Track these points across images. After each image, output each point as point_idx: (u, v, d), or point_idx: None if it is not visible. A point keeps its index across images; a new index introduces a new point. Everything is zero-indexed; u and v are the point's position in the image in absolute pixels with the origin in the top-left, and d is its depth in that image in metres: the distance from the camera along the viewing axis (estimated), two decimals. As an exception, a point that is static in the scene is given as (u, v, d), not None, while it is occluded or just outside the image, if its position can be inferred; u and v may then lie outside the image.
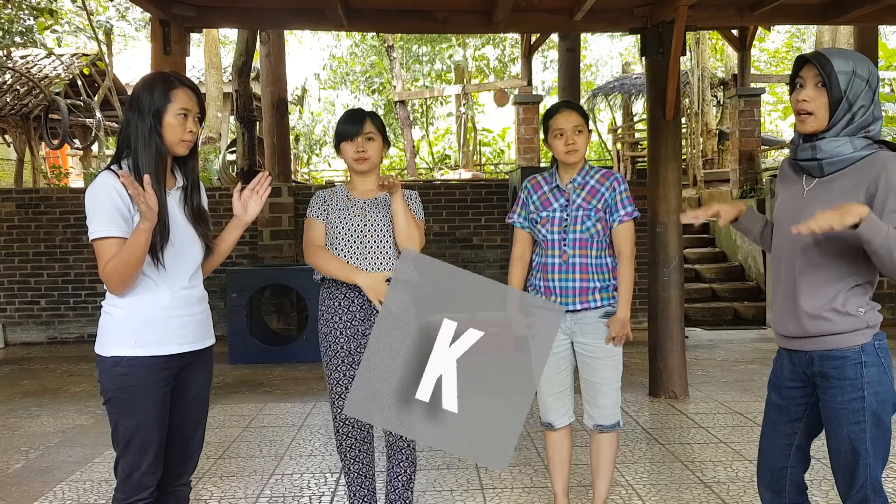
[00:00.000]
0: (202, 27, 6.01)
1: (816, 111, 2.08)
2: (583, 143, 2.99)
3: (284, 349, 7.11)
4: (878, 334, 2.14)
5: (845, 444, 2.12)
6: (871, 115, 2.07)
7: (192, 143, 2.29)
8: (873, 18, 6.59)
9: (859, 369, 2.09)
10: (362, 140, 2.80)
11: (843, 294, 2.11)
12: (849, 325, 2.10)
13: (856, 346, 2.10)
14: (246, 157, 9.45)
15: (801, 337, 2.17)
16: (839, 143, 2.07)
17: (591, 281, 2.97)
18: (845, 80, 2.04)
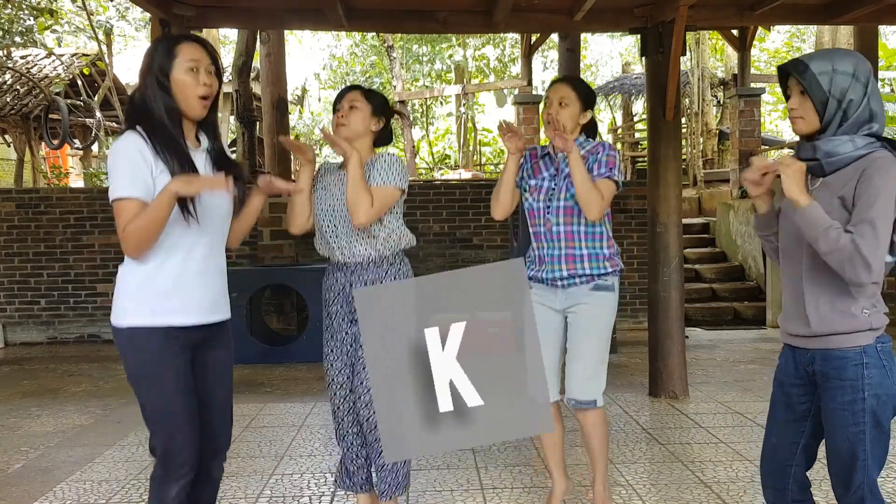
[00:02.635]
0: (202, 27, 6.01)
1: (805, 116, 2.10)
2: (567, 115, 2.98)
3: (284, 349, 7.11)
4: (881, 336, 2.14)
5: (843, 446, 2.13)
6: (868, 111, 2.07)
7: (210, 98, 2.18)
8: (873, 18, 6.59)
9: (860, 370, 2.09)
10: (345, 107, 2.77)
11: (846, 295, 2.11)
12: (851, 325, 2.10)
13: (857, 348, 2.10)
14: (246, 156, 9.45)
15: (804, 335, 2.17)
16: (838, 143, 2.08)
17: (577, 248, 2.96)
18: (827, 80, 2.05)
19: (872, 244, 1.99)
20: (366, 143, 2.81)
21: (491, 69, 22.19)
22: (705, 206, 12.19)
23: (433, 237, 8.52)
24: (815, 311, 2.14)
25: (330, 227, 2.79)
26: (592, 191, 2.84)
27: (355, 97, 2.77)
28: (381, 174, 2.71)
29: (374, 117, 2.80)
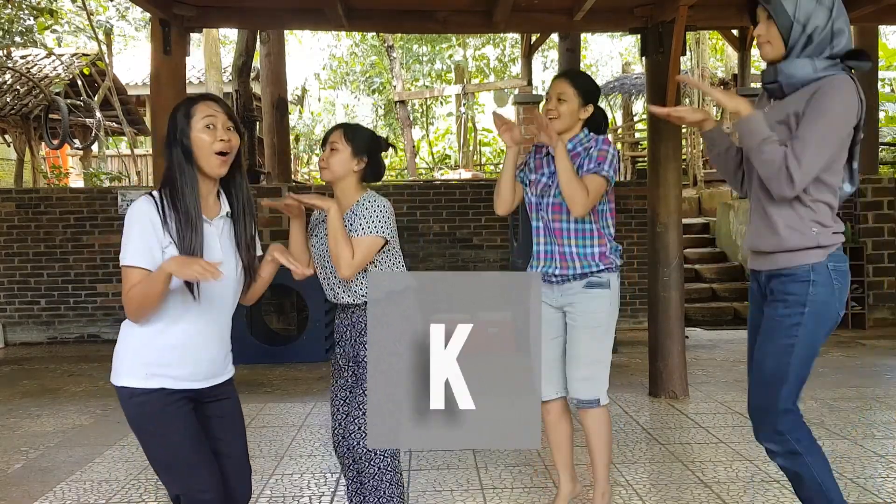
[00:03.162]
0: (202, 27, 6.01)
1: (771, 41, 2.14)
2: (565, 110, 2.96)
3: (284, 349, 7.11)
4: (835, 255, 2.13)
5: (771, 358, 2.14)
6: (830, 33, 2.10)
7: (229, 154, 2.16)
8: (873, 18, 6.59)
9: (806, 287, 2.11)
10: (327, 149, 2.76)
11: (796, 211, 2.13)
12: (799, 242, 2.12)
13: (807, 265, 2.11)
14: (246, 156, 9.44)
15: (758, 253, 2.21)
16: (799, 65, 2.11)
17: (566, 246, 2.95)
18: (791, 5, 2.08)
19: (801, 160, 2.01)
20: (350, 183, 2.75)
21: (491, 69, 22.18)
22: (705, 206, 12.18)
23: (433, 237, 8.52)
24: (764, 228, 2.17)
25: (328, 273, 2.78)
26: (575, 186, 2.80)
27: (335, 139, 2.74)
28: (362, 224, 2.65)
29: (356, 157, 2.73)
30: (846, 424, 4.62)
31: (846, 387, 5.60)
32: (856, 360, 6.67)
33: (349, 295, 2.73)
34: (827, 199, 2.13)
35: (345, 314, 2.80)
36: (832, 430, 4.52)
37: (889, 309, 8.65)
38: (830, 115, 2.03)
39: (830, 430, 4.50)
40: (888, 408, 5.01)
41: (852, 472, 3.78)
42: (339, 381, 2.84)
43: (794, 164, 2.01)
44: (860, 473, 3.77)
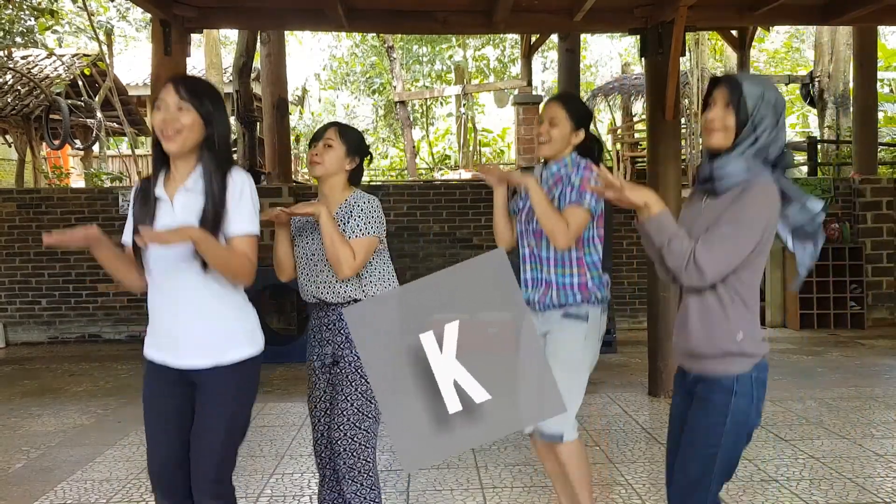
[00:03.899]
0: (203, 28, 6.02)
1: (726, 130, 2.14)
2: (557, 135, 2.89)
3: (284, 349, 7.12)
4: (759, 364, 2.14)
5: (693, 464, 2.17)
6: (771, 140, 2.14)
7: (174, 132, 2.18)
8: (873, 18, 6.59)
9: (728, 397, 2.12)
10: (321, 145, 2.76)
11: (719, 318, 2.13)
12: (724, 349, 2.12)
13: (731, 375, 2.12)
14: (246, 157, 9.46)
15: (687, 354, 2.22)
16: (735, 163, 2.13)
17: (546, 273, 2.88)
18: (752, 103, 2.10)
19: (712, 254, 2.03)
20: (339, 181, 2.77)
21: (491, 69, 22.18)
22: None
23: (433, 237, 8.53)
24: (693, 332, 2.17)
25: (315, 274, 2.76)
26: (553, 221, 2.74)
27: (331, 136, 2.75)
28: (360, 224, 2.66)
29: (349, 157, 2.76)
30: (845, 424, 4.63)
31: (845, 386, 5.61)
32: (855, 359, 6.68)
33: (335, 295, 2.71)
34: (748, 301, 2.15)
35: (324, 313, 2.77)
36: (831, 429, 4.53)
37: (888, 309, 8.66)
38: (749, 216, 2.06)
39: (830, 430, 4.51)
40: (887, 407, 5.02)
41: (851, 472, 3.79)
42: (318, 391, 2.81)
43: (706, 254, 2.03)
44: (859, 473, 3.78)
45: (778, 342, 7.66)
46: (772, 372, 2.42)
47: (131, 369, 6.63)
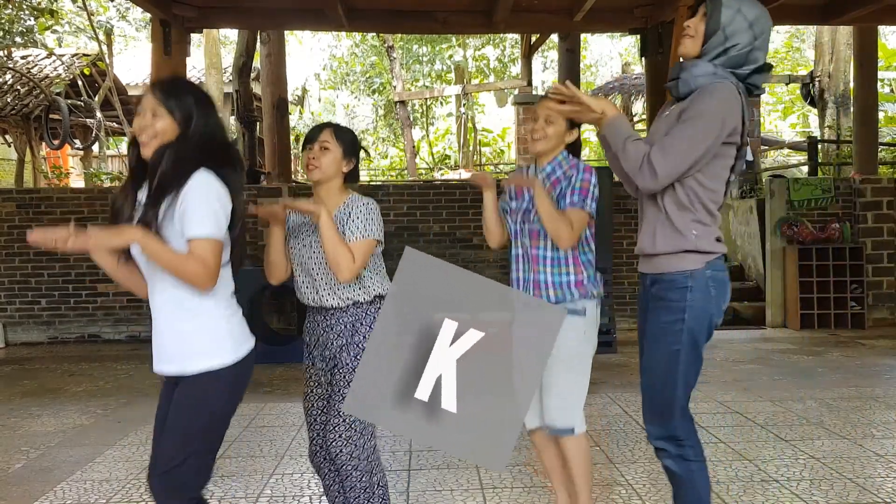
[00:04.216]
0: (202, 28, 6.03)
1: (696, 37, 2.17)
2: (552, 132, 2.88)
3: (284, 349, 7.12)
4: (713, 263, 2.15)
5: (660, 364, 2.17)
6: (745, 57, 2.14)
7: (149, 137, 2.16)
8: (873, 18, 6.60)
9: (684, 293, 2.14)
10: (317, 148, 2.70)
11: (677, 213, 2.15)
12: (678, 245, 2.13)
13: (685, 271, 2.13)
14: (246, 157, 9.46)
15: (643, 255, 2.24)
16: (702, 68, 2.15)
17: (541, 274, 2.88)
18: (728, 15, 2.12)
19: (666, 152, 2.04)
20: (337, 184, 2.75)
21: (491, 69, 22.18)
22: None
23: (433, 237, 8.53)
24: (649, 231, 2.20)
25: (313, 276, 2.74)
26: (558, 223, 2.74)
27: (327, 137, 2.70)
28: (359, 226, 2.64)
29: (346, 158, 2.73)
30: (846, 424, 4.63)
31: (846, 386, 5.61)
32: (855, 359, 6.67)
33: (335, 298, 2.69)
34: (706, 202, 2.15)
35: (322, 316, 2.74)
36: (832, 429, 4.52)
37: (888, 309, 8.66)
38: (704, 114, 2.06)
39: (830, 430, 4.51)
40: (887, 407, 5.01)
41: (851, 472, 3.79)
42: (316, 390, 2.79)
43: (659, 156, 2.05)
44: (859, 473, 3.78)
45: (778, 342, 7.66)
46: (772, 372, 2.42)
47: (131, 369, 6.62)
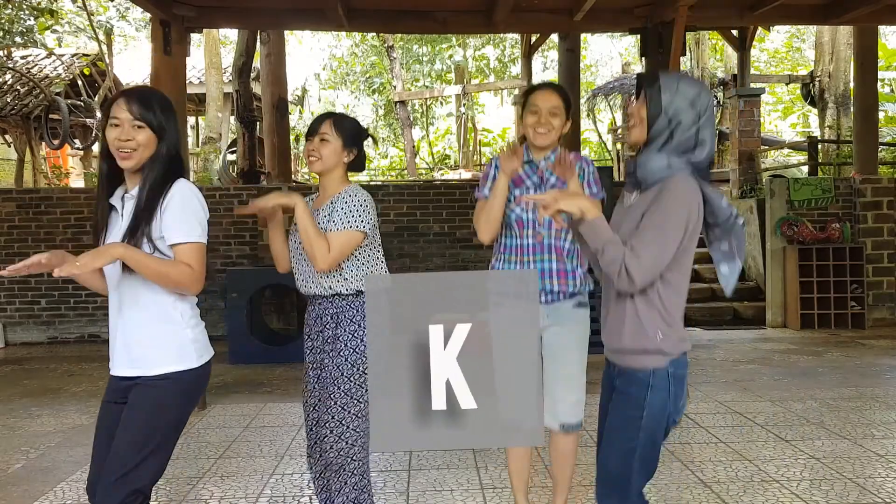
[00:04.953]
0: (202, 27, 6.02)
1: (640, 124, 2.17)
2: (558, 125, 2.87)
3: (284, 349, 7.11)
4: (676, 361, 2.17)
5: (614, 458, 2.21)
6: (694, 139, 2.13)
7: (130, 151, 2.20)
8: (873, 18, 6.60)
9: (644, 391, 2.15)
10: (317, 140, 2.72)
11: (643, 313, 2.15)
12: (642, 345, 2.15)
13: (647, 369, 2.15)
14: (246, 157, 9.46)
15: (610, 349, 2.26)
16: (655, 160, 2.14)
17: (566, 263, 2.89)
18: (667, 97, 2.12)
19: (640, 256, 2.05)
20: (338, 174, 2.76)
21: (491, 69, 22.18)
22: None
23: (433, 237, 8.53)
24: (616, 323, 2.21)
25: (303, 265, 2.78)
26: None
27: (326, 129, 2.71)
28: (340, 218, 2.65)
29: (346, 149, 2.74)
30: (846, 424, 4.63)
31: (846, 386, 5.60)
32: (855, 359, 6.67)
33: (318, 286, 2.72)
34: (673, 301, 2.16)
35: (312, 306, 2.79)
36: (832, 430, 4.52)
37: (888, 309, 8.66)
38: (669, 214, 2.07)
39: (830, 430, 4.51)
40: (888, 407, 5.01)
41: (852, 472, 3.79)
42: (309, 385, 2.80)
43: (634, 262, 2.05)
44: (860, 473, 3.78)
45: (778, 342, 7.66)
46: (772, 372, 2.42)
47: (131, 369, 6.61)
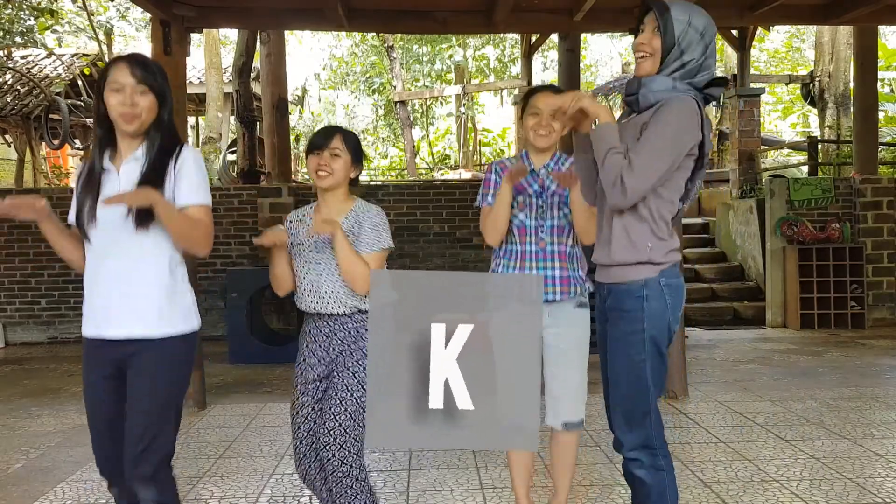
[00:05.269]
0: (202, 27, 6.02)
1: (653, 54, 2.18)
2: (558, 128, 2.86)
3: (284, 349, 7.11)
4: (667, 271, 2.18)
5: (627, 375, 2.20)
6: (699, 66, 2.16)
7: (134, 116, 2.23)
8: (873, 18, 6.60)
9: (641, 302, 2.16)
10: (327, 154, 2.66)
11: (634, 225, 2.17)
12: (633, 257, 2.16)
13: (639, 280, 2.16)
14: (246, 157, 9.46)
15: (599, 266, 2.27)
16: (661, 82, 2.16)
17: (569, 269, 2.89)
18: (680, 29, 2.13)
19: (634, 170, 2.06)
20: (344, 190, 2.74)
21: (491, 69, 22.19)
22: (705, 207, 12.20)
23: (433, 237, 8.53)
24: (605, 242, 2.23)
25: (314, 283, 2.70)
26: (592, 218, 2.72)
27: (338, 144, 2.66)
28: (372, 237, 2.64)
29: (353, 165, 2.73)
30: (846, 424, 4.63)
31: (846, 386, 5.60)
32: (855, 359, 6.67)
33: (339, 305, 2.66)
34: (664, 214, 2.18)
35: (324, 322, 2.71)
36: (832, 430, 4.52)
37: (888, 309, 8.66)
38: (667, 130, 2.08)
39: (830, 430, 4.51)
40: (888, 407, 5.01)
41: (852, 472, 3.79)
42: (302, 398, 2.77)
43: (629, 174, 2.06)
44: (860, 473, 3.78)
45: (778, 342, 7.66)
46: (772, 372, 2.42)
47: (131, 369, 6.61)
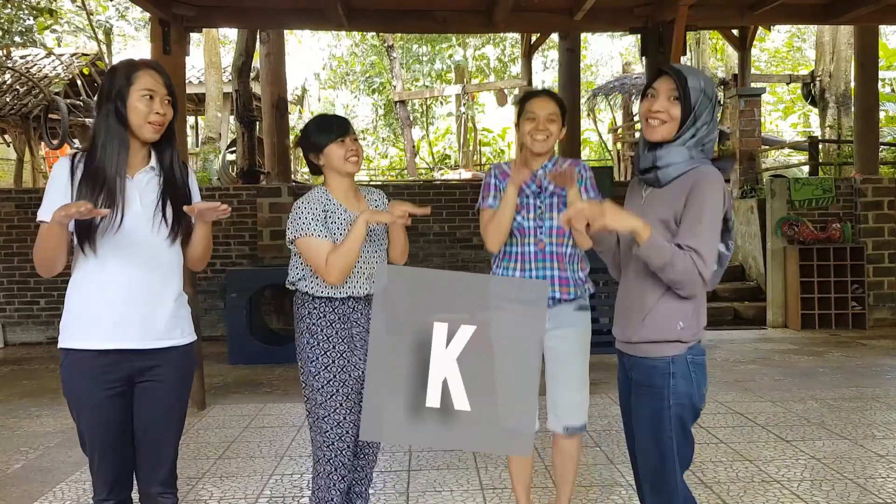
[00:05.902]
0: (202, 27, 6.01)
1: (671, 121, 2.16)
2: (555, 132, 2.87)
3: (284, 349, 7.10)
4: (694, 348, 2.19)
5: (652, 450, 2.20)
6: (707, 131, 2.17)
7: (162, 125, 2.23)
8: (873, 18, 6.59)
9: (667, 379, 2.16)
10: (349, 140, 2.66)
11: (660, 305, 2.16)
12: (660, 335, 2.16)
13: (666, 357, 2.16)
14: (246, 156, 9.45)
15: (624, 342, 2.25)
16: (677, 153, 2.15)
17: (567, 271, 2.90)
18: (695, 97, 2.13)
19: (703, 257, 2.06)
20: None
21: (491, 69, 22.19)
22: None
23: (433, 237, 8.52)
24: (632, 318, 2.20)
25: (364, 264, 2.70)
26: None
27: (355, 135, 2.72)
28: None
29: None
30: (846, 424, 4.62)
31: (846, 387, 5.60)
32: (856, 360, 6.67)
33: (369, 286, 2.71)
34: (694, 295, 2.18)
35: (343, 307, 2.74)
36: (832, 430, 4.52)
37: (889, 309, 8.65)
38: (710, 207, 2.09)
39: (830, 430, 4.50)
40: (888, 408, 5.01)
41: (852, 472, 3.78)
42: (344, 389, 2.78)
43: (701, 263, 2.06)
44: (860, 473, 3.77)
45: (779, 342, 7.65)
46: (773, 372, 2.42)
47: (130, 369, 6.60)
